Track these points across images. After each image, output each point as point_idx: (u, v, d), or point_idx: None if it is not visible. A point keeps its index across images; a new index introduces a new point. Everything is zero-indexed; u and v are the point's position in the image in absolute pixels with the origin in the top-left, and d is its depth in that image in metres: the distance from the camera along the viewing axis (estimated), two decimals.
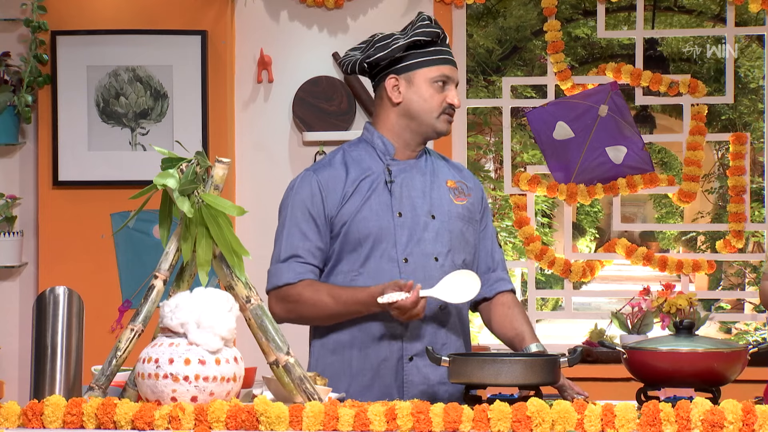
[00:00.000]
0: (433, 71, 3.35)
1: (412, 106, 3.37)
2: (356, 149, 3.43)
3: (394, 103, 3.38)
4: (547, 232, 13.02)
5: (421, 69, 3.35)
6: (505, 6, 9.88)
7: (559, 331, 13.62)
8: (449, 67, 3.38)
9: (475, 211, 3.49)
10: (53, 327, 2.76)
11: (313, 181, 3.37)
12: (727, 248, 5.56)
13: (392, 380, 3.33)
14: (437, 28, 3.37)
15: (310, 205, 3.35)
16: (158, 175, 2.72)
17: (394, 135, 3.41)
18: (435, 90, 3.35)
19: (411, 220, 3.36)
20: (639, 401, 2.98)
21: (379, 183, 3.37)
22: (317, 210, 3.35)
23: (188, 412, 2.56)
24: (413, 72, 3.35)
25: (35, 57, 5.37)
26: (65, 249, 5.42)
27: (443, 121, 3.38)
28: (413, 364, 3.33)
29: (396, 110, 3.39)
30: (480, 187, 3.55)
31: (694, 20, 10.01)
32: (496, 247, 3.56)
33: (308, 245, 3.34)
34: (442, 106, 3.36)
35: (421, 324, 3.33)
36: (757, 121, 10.35)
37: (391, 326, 3.32)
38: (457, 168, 3.56)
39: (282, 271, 3.34)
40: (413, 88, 3.36)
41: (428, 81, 3.35)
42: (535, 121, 5.62)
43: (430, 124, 3.38)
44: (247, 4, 5.52)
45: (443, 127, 3.38)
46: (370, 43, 3.40)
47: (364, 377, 3.33)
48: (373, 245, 3.32)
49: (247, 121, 5.54)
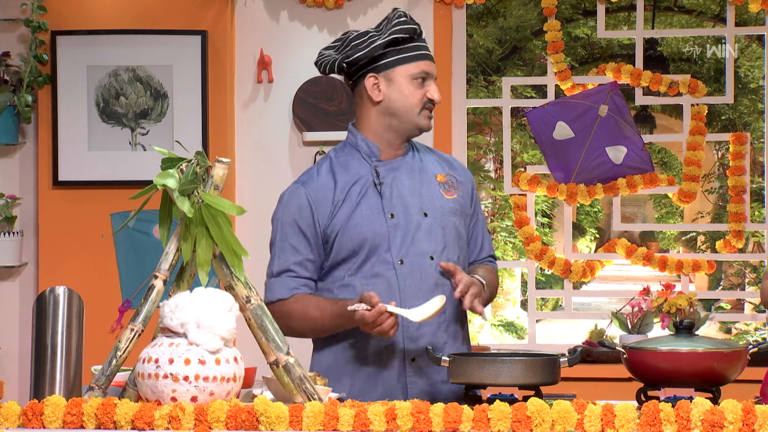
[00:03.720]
0: (412, 68, 3.34)
1: (393, 104, 3.35)
2: (342, 154, 3.43)
3: (374, 101, 3.37)
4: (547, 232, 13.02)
5: (400, 66, 3.33)
6: (505, 6, 9.88)
7: (559, 331, 13.63)
8: (427, 62, 3.36)
9: (466, 204, 3.48)
10: (53, 327, 2.76)
11: (301, 194, 3.36)
12: (727, 248, 5.56)
13: (395, 382, 3.33)
14: (414, 24, 3.36)
15: (299, 218, 3.34)
16: (158, 175, 2.72)
17: (377, 136, 3.40)
18: (415, 86, 3.34)
19: (404, 220, 3.35)
20: (639, 401, 2.98)
21: (369, 186, 3.36)
22: (306, 223, 3.34)
23: (188, 412, 2.56)
24: (392, 69, 3.34)
25: (35, 57, 5.37)
26: (65, 249, 5.42)
27: (424, 116, 3.36)
28: (416, 364, 3.33)
29: (377, 109, 3.38)
30: (470, 179, 3.54)
31: (694, 20, 10.01)
32: (486, 236, 3.58)
33: (299, 259, 3.35)
34: (422, 102, 3.35)
35: (420, 326, 3.32)
36: (757, 121, 10.36)
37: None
38: (446, 160, 3.54)
39: (275, 287, 3.36)
40: (394, 85, 3.34)
41: (408, 78, 3.34)
42: (535, 121, 5.62)
43: (411, 121, 3.37)
44: (247, 4, 5.52)
45: (424, 122, 3.37)
46: (345, 41, 3.39)
47: (368, 379, 3.33)
48: (369, 250, 3.32)
49: (247, 121, 5.54)
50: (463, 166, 3.58)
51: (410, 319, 3.19)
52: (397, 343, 3.33)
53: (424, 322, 3.30)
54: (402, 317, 3.20)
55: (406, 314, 3.18)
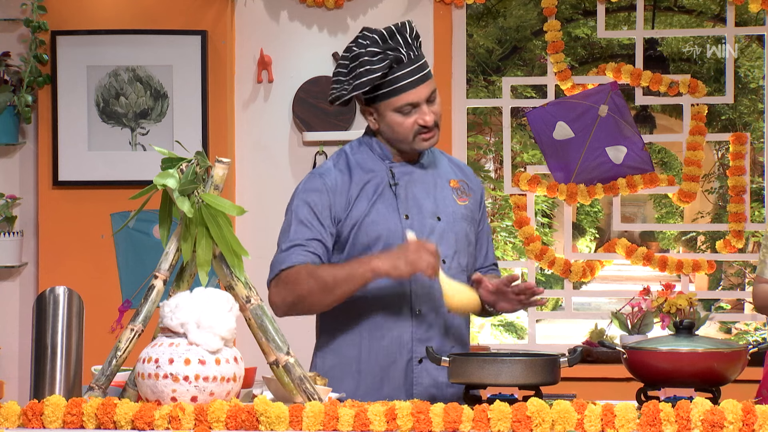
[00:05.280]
0: (395, 102, 3.30)
1: (387, 134, 3.36)
2: (358, 152, 3.42)
3: (374, 128, 3.39)
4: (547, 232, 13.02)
5: (384, 102, 3.31)
6: (505, 6, 9.88)
7: (559, 331, 13.62)
8: (414, 90, 3.29)
9: (475, 211, 3.50)
10: (53, 327, 2.76)
11: (319, 182, 3.35)
12: (727, 248, 5.56)
13: (401, 383, 3.33)
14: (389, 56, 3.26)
15: (315, 204, 3.33)
16: (158, 175, 2.72)
17: (388, 145, 3.41)
18: (403, 117, 3.31)
19: (418, 222, 3.35)
20: (639, 401, 2.98)
21: (384, 186, 3.36)
22: (323, 210, 3.33)
23: (188, 412, 2.56)
24: (379, 104, 3.32)
25: (35, 57, 5.37)
26: (65, 249, 5.42)
27: (419, 141, 3.34)
28: (422, 366, 3.33)
29: (379, 133, 3.40)
30: (480, 187, 3.55)
31: (694, 20, 10.01)
32: (491, 244, 3.59)
33: (311, 236, 3.31)
34: (413, 130, 3.32)
35: (429, 328, 3.33)
36: (757, 121, 10.36)
37: (399, 329, 3.32)
38: (459, 166, 3.55)
39: (283, 258, 3.30)
40: (384, 119, 3.33)
41: (393, 111, 3.31)
42: (535, 121, 5.62)
43: (408, 147, 3.37)
44: (247, 4, 5.52)
45: (421, 146, 3.35)
46: (349, 70, 3.33)
47: (373, 380, 3.32)
48: (382, 248, 3.31)
49: (247, 121, 5.54)
50: (475, 175, 3.59)
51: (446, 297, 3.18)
52: (404, 344, 3.33)
53: (434, 323, 3.31)
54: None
55: (446, 286, 3.18)
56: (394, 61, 3.27)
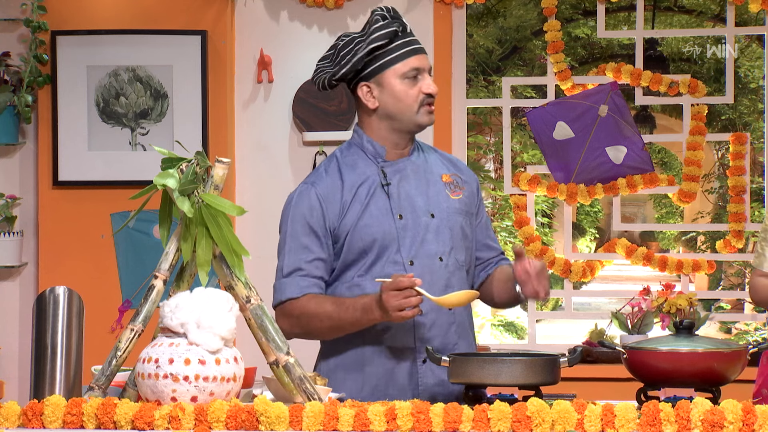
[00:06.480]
0: (400, 67, 3.30)
1: (389, 108, 3.33)
2: (348, 154, 3.41)
3: (371, 108, 3.36)
4: (547, 232, 13.03)
5: (388, 69, 3.30)
6: (505, 6, 9.89)
7: (559, 331, 13.62)
8: (416, 57, 3.32)
9: (471, 204, 3.47)
10: (53, 327, 2.76)
11: (311, 194, 3.34)
12: (727, 248, 5.56)
13: (406, 383, 3.32)
14: (394, 23, 3.30)
15: (310, 217, 3.32)
16: (158, 175, 2.72)
17: (381, 138, 3.38)
18: (407, 85, 3.31)
19: (412, 221, 3.34)
20: (639, 401, 2.98)
21: (376, 187, 3.35)
22: (317, 222, 3.32)
23: (188, 412, 2.56)
24: (381, 74, 3.31)
25: (35, 57, 5.37)
26: (65, 249, 5.42)
27: (424, 113, 3.33)
28: (427, 366, 3.32)
29: (376, 114, 3.36)
30: (474, 179, 3.53)
31: (694, 20, 10.02)
32: (491, 234, 3.56)
33: (310, 258, 3.31)
34: (419, 99, 3.31)
35: (433, 327, 3.32)
36: (757, 121, 10.36)
37: (402, 330, 3.31)
38: (451, 160, 3.53)
39: (285, 287, 3.31)
40: (386, 90, 3.31)
41: (398, 78, 3.30)
42: (535, 121, 5.62)
43: (411, 121, 3.33)
44: (247, 4, 5.53)
45: (425, 119, 3.34)
46: (335, 52, 3.35)
47: (378, 381, 3.31)
48: (378, 251, 3.30)
49: (247, 121, 5.54)
50: (467, 167, 3.57)
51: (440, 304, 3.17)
52: (408, 344, 3.32)
53: (435, 323, 3.30)
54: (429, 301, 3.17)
55: (434, 300, 3.16)
56: (388, 35, 3.28)
